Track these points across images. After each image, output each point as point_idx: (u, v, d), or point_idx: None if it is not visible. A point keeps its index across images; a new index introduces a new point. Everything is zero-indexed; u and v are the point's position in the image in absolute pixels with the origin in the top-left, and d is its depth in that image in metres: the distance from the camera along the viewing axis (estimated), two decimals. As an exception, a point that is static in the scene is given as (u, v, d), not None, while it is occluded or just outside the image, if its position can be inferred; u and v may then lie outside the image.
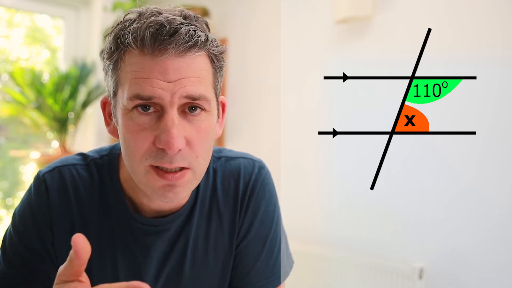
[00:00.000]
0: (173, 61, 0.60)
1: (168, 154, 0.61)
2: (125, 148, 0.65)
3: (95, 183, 0.74)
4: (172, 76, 0.60)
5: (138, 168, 0.64)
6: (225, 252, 0.78)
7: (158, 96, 0.60)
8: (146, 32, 0.59)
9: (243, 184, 0.78)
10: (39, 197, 0.71)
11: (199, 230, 0.76)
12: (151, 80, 0.60)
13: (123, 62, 0.63)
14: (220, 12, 2.41)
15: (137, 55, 0.61)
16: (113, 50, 0.63)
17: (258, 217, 0.79)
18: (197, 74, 0.62)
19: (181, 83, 0.61)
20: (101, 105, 0.73)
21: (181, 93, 0.61)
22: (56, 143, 2.21)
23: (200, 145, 0.64)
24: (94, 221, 0.73)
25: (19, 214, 0.73)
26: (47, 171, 0.73)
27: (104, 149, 0.78)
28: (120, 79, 0.64)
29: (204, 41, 0.63)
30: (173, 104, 0.61)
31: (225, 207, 0.78)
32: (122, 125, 0.64)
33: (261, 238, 0.79)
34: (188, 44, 0.61)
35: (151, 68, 0.60)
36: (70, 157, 0.76)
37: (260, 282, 0.79)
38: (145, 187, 0.65)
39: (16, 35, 2.44)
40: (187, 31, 0.61)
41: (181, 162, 0.62)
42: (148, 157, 0.62)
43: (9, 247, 0.72)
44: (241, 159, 0.81)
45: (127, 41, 0.61)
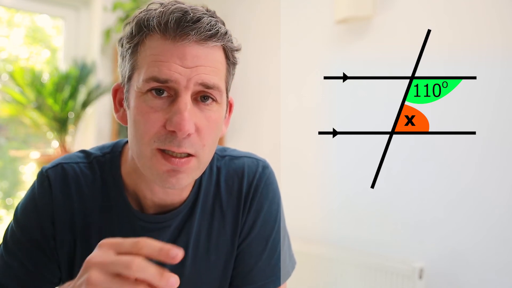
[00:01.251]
0: (192, 48, 0.62)
1: (177, 138, 0.62)
2: (134, 131, 0.66)
3: (97, 180, 0.74)
4: (190, 62, 0.62)
5: (145, 151, 0.64)
6: (227, 251, 0.78)
7: (174, 79, 0.61)
8: (171, 16, 0.62)
9: (247, 183, 0.79)
10: (42, 192, 0.72)
11: (201, 228, 0.77)
12: (169, 64, 0.62)
13: (143, 45, 0.64)
14: (220, 12, 2.39)
15: (158, 39, 0.63)
16: (134, 34, 0.65)
17: (261, 216, 0.79)
18: (213, 64, 0.64)
19: (198, 70, 0.62)
20: (112, 92, 0.74)
21: (196, 80, 0.62)
22: (56, 143, 2.21)
23: (209, 135, 0.65)
24: (95, 218, 0.73)
25: (21, 208, 0.74)
26: (50, 167, 0.74)
27: (107, 146, 0.79)
28: (137, 62, 0.65)
29: (224, 34, 0.66)
30: (187, 89, 0.62)
31: (228, 206, 0.78)
32: (134, 108, 0.65)
33: (263, 238, 0.79)
34: (209, 33, 0.63)
35: (171, 53, 0.62)
36: (73, 155, 0.77)
37: (261, 281, 0.79)
38: (149, 171, 0.65)
39: (16, 35, 2.44)
40: (209, 21, 0.63)
41: (189, 148, 0.63)
42: (157, 139, 0.63)
43: (12, 241, 0.73)
44: (245, 158, 0.81)
45: (150, 25, 0.63)
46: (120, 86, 0.72)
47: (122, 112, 0.71)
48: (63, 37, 2.47)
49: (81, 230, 0.73)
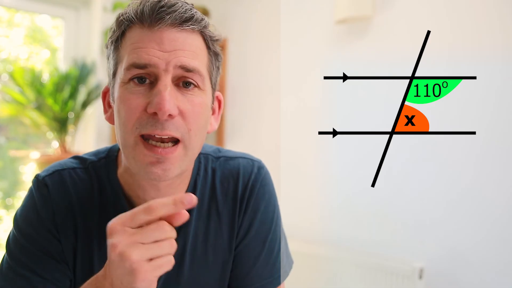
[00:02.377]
0: (169, 33, 0.64)
1: (159, 120, 0.62)
2: (118, 121, 0.66)
3: (95, 185, 0.74)
4: (167, 46, 0.63)
5: (128, 139, 0.64)
6: (224, 253, 0.78)
7: (153, 63, 0.62)
8: (147, 5, 0.64)
9: (242, 184, 0.78)
10: (42, 200, 0.71)
11: (198, 230, 0.76)
12: (148, 50, 0.63)
13: (123, 38, 0.66)
14: (220, 12, 2.41)
15: (137, 28, 0.65)
16: (114, 30, 0.67)
17: (258, 217, 0.78)
18: (191, 49, 0.65)
19: (176, 54, 0.63)
20: (101, 95, 0.74)
21: (175, 63, 0.63)
22: (56, 143, 2.21)
23: (193, 119, 0.65)
24: (95, 222, 0.72)
25: (22, 217, 0.72)
26: (46, 174, 0.73)
27: (102, 152, 0.78)
28: (120, 55, 0.66)
29: (200, 19, 0.66)
30: (167, 72, 0.63)
31: (224, 207, 0.77)
32: (118, 98, 0.65)
33: (260, 239, 0.79)
34: (184, 15, 0.64)
35: (149, 38, 0.63)
36: (67, 161, 0.76)
37: (259, 282, 0.79)
38: (133, 161, 0.65)
39: (16, 35, 2.44)
40: (184, 6, 0.65)
41: (173, 130, 0.63)
42: (139, 125, 0.63)
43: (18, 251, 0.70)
44: (240, 159, 0.81)
45: (129, 17, 0.65)
46: (108, 88, 0.72)
47: (110, 113, 0.71)
48: (63, 37, 2.47)
49: (82, 234, 0.72)
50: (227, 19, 2.38)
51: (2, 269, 0.71)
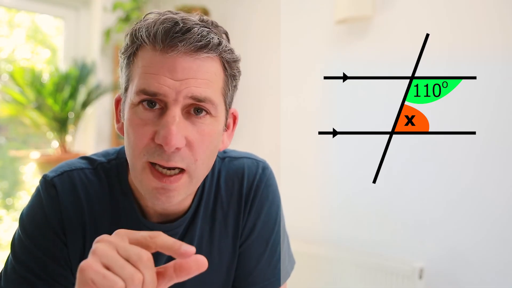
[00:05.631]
0: (182, 60, 0.61)
1: (165, 152, 0.61)
2: (127, 143, 0.65)
3: (105, 187, 0.73)
4: (180, 75, 0.60)
5: (136, 164, 0.63)
6: (229, 253, 0.78)
7: (163, 93, 0.60)
8: (160, 27, 0.60)
9: (247, 184, 0.78)
10: (51, 201, 0.70)
11: (203, 231, 0.76)
12: (159, 77, 0.60)
13: (136, 57, 0.64)
14: (220, 12, 2.41)
15: (149, 50, 0.62)
16: (128, 45, 0.65)
17: (261, 217, 0.78)
18: (205, 77, 0.62)
19: (188, 83, 0.61)
20: (114, 103, 0.73)
21: (186, 93, 0.61)
22: (56, 143, 2.21)
23: (201, 149, 0.63)
24: (105, 225, 0.72)
25: (29, 218, 0.71)
26: (55, 175, 0.72)
27: (111, 153, 0.77)
28: (131, 74, 0.65)
29: (217, 44, 0.63)
30: (177, 103, 0.61)
31: (229, 207, 0.77)
32: (127, 120, 0.64)
33: (264, 239, 0.79)
34: (199, 43, 0.61)
35: (161, 65, 0.61)
36: (75, 161, 0.75)
37: (262, 282, 0.79)
38: (140, 185, 0.65)
39: (17, 35, 2.44)
40: (199, 32, 0.61)
41: (179, 162, 0.62)
42: (146, 153, 0.62)
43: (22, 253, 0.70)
44: (245, 159, 0.81)
45: (141, 36, 0.62)
46: (120, 98, 0.71)
47: (121, 126, 0.70)
48: (63, 37, 2.47)
49: (91, 236, 0.71)
50: (227, 19, 2.38)
51: (7, 270, 0.70)
